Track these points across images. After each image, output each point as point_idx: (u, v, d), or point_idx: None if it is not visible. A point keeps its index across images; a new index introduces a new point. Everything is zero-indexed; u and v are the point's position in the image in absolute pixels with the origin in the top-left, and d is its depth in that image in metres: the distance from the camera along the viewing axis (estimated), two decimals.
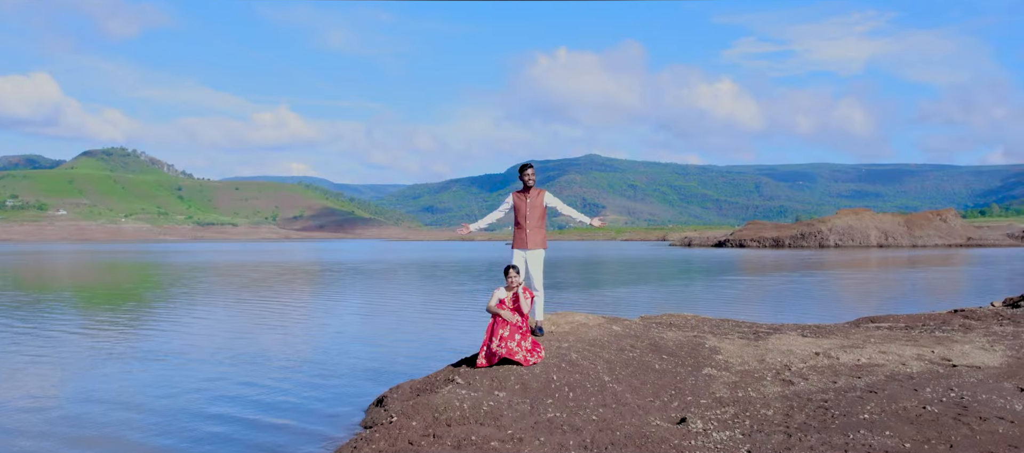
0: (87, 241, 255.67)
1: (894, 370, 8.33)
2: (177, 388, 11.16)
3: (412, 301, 24.99)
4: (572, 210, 9.57)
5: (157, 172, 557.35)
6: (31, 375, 12.23)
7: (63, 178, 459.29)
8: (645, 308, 21.54)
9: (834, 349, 9.36)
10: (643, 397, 7.35)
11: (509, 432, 6.33)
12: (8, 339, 16.08)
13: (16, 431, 8.79)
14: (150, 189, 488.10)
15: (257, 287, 31.90)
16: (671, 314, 12.37)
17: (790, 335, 10.43)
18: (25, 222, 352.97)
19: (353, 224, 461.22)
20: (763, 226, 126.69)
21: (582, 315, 10.64)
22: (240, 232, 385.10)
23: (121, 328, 17.93)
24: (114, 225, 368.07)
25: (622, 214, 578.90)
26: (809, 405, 7.07)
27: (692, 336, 10.00)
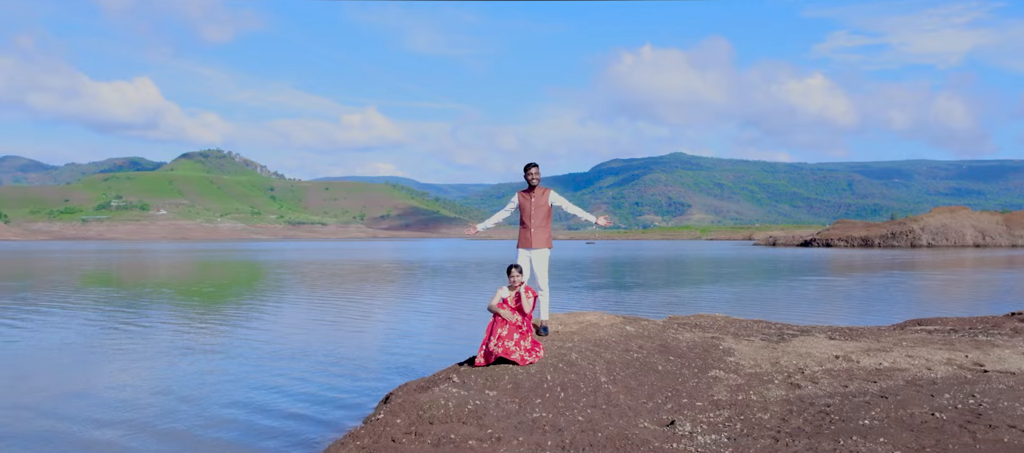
0: (185, 240, 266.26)
1: (916, 375, 7.97)
2: (211, 379, 11.56)
3: (475, 299, 25.16)
4: (578, 209, 9.55)
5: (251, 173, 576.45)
6: (95, 364, 12.84)
7: (164, 179, 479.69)
8: (695, 308, 21.19)
9: (858, 352, 9.00)
10: (637, 398, 7.22)
11: (489, 431, 6.32)
12: (97, 331, 16.89)
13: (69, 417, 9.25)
14: (244, 189, 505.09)
15: (333, 285, 32.74)
16: (700, 315, 12.11)
17: (817, 337, 10.08)
18: (129, 222, 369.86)
19: (438, 223, 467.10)
20: (852, 225, 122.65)
21: (596, 314, 10.52)
22: (329, 231, 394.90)
23: (193, 322, 18.68)
24: (210, 224, 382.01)
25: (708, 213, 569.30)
26: (810, 409, 6.83)
27: (709, 337, 9.75)
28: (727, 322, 11.41)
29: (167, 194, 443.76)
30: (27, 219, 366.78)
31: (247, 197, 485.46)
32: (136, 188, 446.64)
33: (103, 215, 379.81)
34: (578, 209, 9.59)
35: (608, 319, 10.27)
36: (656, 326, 10.33)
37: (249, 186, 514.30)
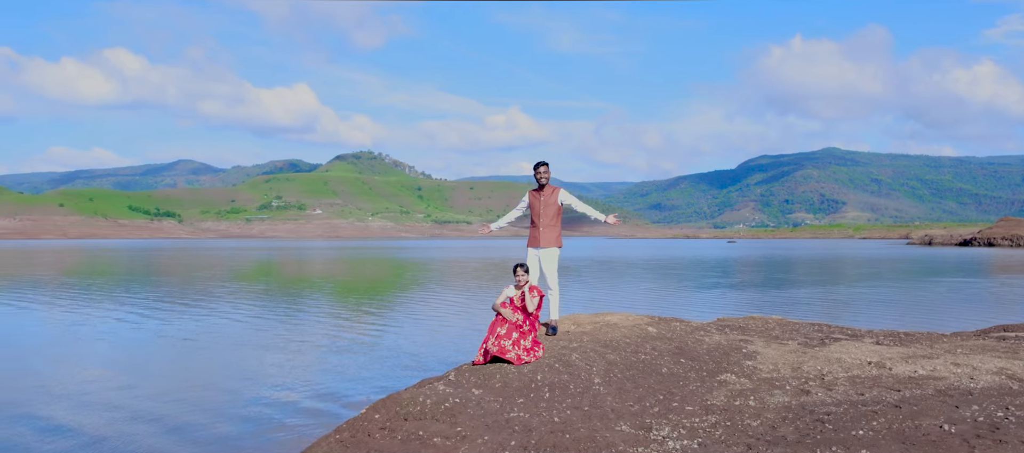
0: (338, 238, 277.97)
1: (952, 384, 7.38)
2: (279, 370, 12.17)
3: (587, 295, 24.85)
4: (587, 207, 9.51)
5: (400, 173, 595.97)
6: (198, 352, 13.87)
7: (319, 180, 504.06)
8: (781, 308, 20.33)
9: (897, 359, 8.40)
10: (625, 401, 7.05)
11: (458, 429, 6.36)
12: (249, 327, 18.04)
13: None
14: (393, 189, 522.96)
15: (451, 281, 33.36)
16: (752, 317, 11.57)
17: (862, 342, 9.47)
18: (288, 221, 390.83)
19: (580, 222, 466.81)
20: (1018, 223, 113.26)
21: (620, 315, 10.32)
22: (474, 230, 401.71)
23: (296, 314, 19.44)
24: (362, 223, 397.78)
25: (864, 210, 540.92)
26: (806, 417, 6.46)
27: (738, 340, 9.35)
28: (777, 324, 10.86)
29: (322, 194, 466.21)
30: (197, 218, 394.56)
31: (396, 197, 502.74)
32: (294, 189, 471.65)
33: (265, 214, 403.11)
34: (588, 208, 9.56)
35: (632, 319, 10.06)
36: (685, 328, 10.02)
37: (398, 186, 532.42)
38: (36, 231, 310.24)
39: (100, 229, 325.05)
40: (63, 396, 10.63)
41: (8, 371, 12.61)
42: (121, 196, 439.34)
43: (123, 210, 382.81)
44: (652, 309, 20.82)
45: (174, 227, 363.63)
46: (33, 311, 21.19)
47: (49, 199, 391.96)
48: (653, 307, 21.92)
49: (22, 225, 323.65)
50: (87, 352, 14.63)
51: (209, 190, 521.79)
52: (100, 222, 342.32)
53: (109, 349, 15.06)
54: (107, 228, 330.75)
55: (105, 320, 19.39)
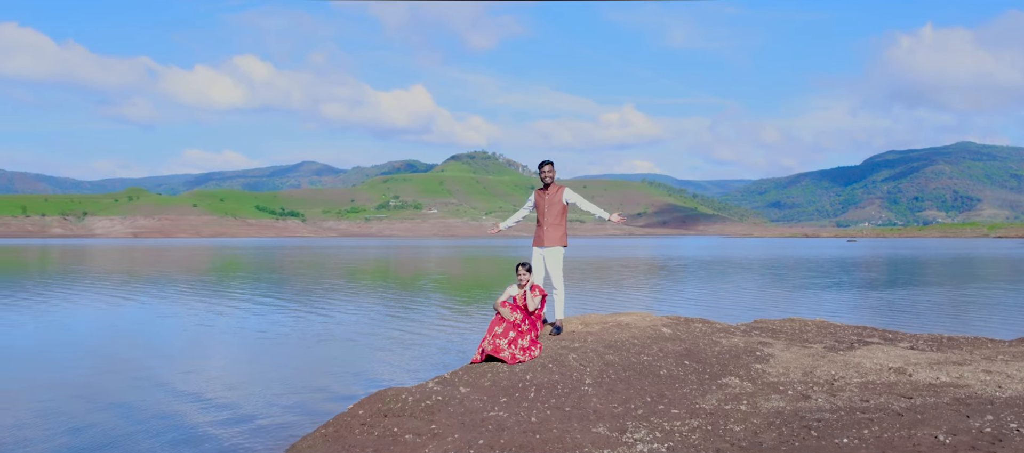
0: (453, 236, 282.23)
1: (974, 393, 6.82)
2: (335, 361, 12.28)
3: (691, 295, 24.14)
4: (592, 206, 9.40)
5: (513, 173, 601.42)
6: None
7: (435, 180, 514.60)
8: (841, 311, 19.20)
9: (923, 365, 7.85)
10: (610, 403, 6.85)
11: (432, 427, 6.40)
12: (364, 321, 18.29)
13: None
14: (507, 189, 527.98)
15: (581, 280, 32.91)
16: (793, 318, 11.06)
17: (893, 346, 8.88)
18: (405, 220, 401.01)
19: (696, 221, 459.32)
20: None
21: (637, 315, 10.12)
22: (587, 229, 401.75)
23: (381, 310, 19.50)
24: (476, 222, 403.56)
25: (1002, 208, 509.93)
26: (793, 424, 6.11)
27: (756, 342, 8.95)
28: (815, 327, 10.38)
29: (438, 194, 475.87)
30: (319, 218, 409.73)
31: (509, 196, 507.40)
32: (411, 189, 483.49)
33: (382, 214, 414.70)
34: (592, 206, 9.45)
35: (649, 320, 9.86)
36: (706, 329, 9.73)
37: (511, 185, 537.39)
38: (173, 230, 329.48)
39: (230, 228, 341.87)
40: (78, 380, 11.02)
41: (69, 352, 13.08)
42: (249, 196, 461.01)
43: (251, 210, 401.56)
44: (718, 309, 20.41)
45: (298, 226, 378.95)
46: (132, 304, 22.03)
47: (184, 200, 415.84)
48: (718, 307, 21.34)
49: (160, 224, 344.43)
50: (152, 341, 15.14)
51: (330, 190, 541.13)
52: (230, 221, 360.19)
53: (178, 339, 15.57)
54: (236, 227, 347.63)
55: (197, 313, 20.21)
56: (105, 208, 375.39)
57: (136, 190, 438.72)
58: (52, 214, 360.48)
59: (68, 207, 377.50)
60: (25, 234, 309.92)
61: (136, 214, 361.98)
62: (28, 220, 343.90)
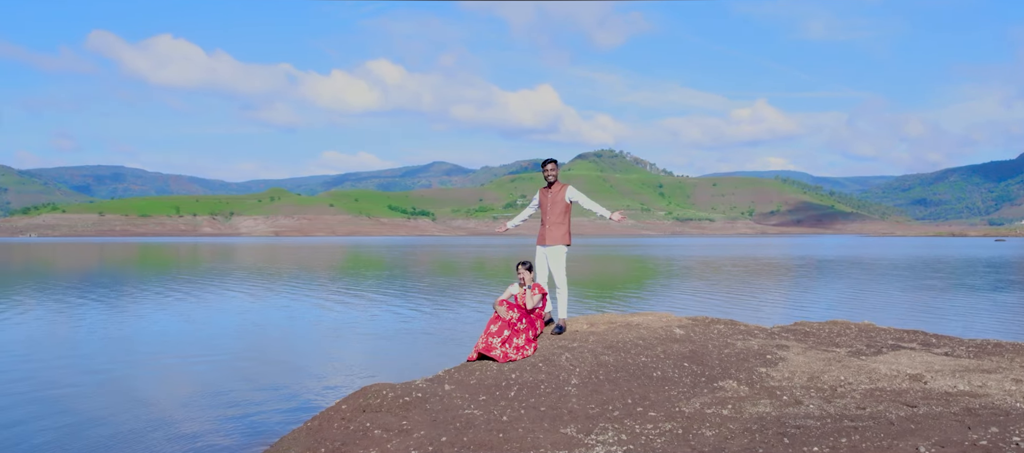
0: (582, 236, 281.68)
1: (991, 404, 6.25)
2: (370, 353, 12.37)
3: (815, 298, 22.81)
4: (594, 204, 9.33)
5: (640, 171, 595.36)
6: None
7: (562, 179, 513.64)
8: (922, 313, 17.96)
9: (946, 372, 7.26)
10: (588, 404, 6.67)
11: (404, 423, 6.45)
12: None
13: None
14: (634, 187, 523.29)
15: (670, 278, 31.46)
16: (836, 321, 10.30)
17: (927, 352, 8.25)
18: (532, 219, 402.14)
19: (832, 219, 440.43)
20: None
21: (653, 315, 9.90)
22: (716, 227, 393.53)
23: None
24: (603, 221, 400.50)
25: None
26: (770, 430, 5.78)
27: (772, 345, 8.47)
28: (858, 330, 9.64)
29: None
30: (449, 217, 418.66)
31: (637, 194, 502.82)
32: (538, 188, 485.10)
33: (510, 212, 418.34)
34: (594, 204, 9.36)
35: (666, 320, 9.63)
36: (727, 330, 9.34)
37: (639, 184, 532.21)
38: (310, 229, 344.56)
39: (364, 227, 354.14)
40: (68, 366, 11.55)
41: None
42: (382, 196, 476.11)
43: (384, 209, 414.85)
44: (791, 310, 19.44)
45: (428, 225, 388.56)
46: (246, 299, 22.79)
47: (322, 200, 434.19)
48: (795, 307, 20.18)
49: (299, 223, 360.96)
50: (266, 333, 15.60)
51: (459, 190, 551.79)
52: (364, 221, 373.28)
53: (228, 328, 15.99)
54: (370, 226, 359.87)
55: (271, 306, 20.75)
56: (249, 208, 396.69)
57: (277, 191, 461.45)
58: (202, 214, 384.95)
59: (216, 207, 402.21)
60: (178, 232, 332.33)
61: (277, 214, 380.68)
62: (181, 219, 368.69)
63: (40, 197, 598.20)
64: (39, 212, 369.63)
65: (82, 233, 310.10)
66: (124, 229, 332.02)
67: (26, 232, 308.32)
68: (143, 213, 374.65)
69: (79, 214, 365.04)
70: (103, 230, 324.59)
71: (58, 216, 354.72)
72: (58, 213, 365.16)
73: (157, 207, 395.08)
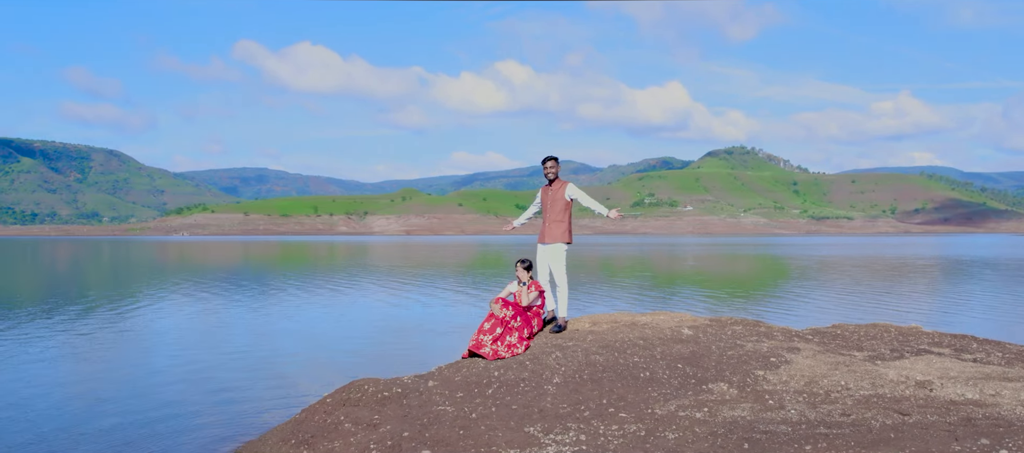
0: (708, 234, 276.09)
1: (996, 414, 5.84)
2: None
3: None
4: (593, 201, 9.24)
5: (773, 168, 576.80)
6: None
7: (690, 177, 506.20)
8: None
9: (960, 380, 6.79)
10: (562, 403, 6.59)
11: (375, 418, 6.56)
12: None
13: None
14: (767, 185, 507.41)
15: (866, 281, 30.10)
16: (876, 324, 9.63)
17: (952, 360, 7.69)
18: (659, 218, 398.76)
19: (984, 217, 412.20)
20: None
21: (665, 315, 9.68)
22: (855, 226, 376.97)
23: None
24: (734, 220, 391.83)
25: None
26: (735, 436, 5.57)
27: (782, 347, 8.09)
28: (897, 333, 9.00)
29: (693, 191, 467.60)
30: (576, 216, 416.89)
31: (770, 192, 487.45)
32: (666, 186, 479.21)
33: (637, 212, 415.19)
34: (593, 202, 9.29)
35: (677, 321, 9.38)
36: (741, 330, 8.95)
37: (772, 181, 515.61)
38: (440, 228, 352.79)
39: (492, 226, 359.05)
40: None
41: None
42: (509, 196, 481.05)
43: (511, 208, 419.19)
44: (877, 310, 17.27)
45: None
46: (353, 295, 22.95)
47: (451, 200, 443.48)
48: (873, 308, 18.55)
49: (429, 223, 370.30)
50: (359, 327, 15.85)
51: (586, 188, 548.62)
52: (491, 219, 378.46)
53: (363, 322, 16.21)
54: (497, 225, 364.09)
55: (406, 301, 20.72)
56: (382, 208, 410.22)
57: (409, 191, 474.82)
58: (338, 213, 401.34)
59: (351, 207, 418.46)
60: (316, 231, 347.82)
61: (408, 213, 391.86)
62: (318, 219, 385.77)
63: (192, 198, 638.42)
64: (191, 212, 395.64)
65: (228, 232, 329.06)
66: (266, 228, 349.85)
67: (179, 231, 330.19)
68: (284, 213, 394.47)
69: (226, 214, 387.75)
70: (247, 229, 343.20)
71: (208, 216, 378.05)
72: (208, 213, 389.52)
73: (297, 207, 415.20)
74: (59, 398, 9.93)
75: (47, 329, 16.30)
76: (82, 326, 16.92)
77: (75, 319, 18.06)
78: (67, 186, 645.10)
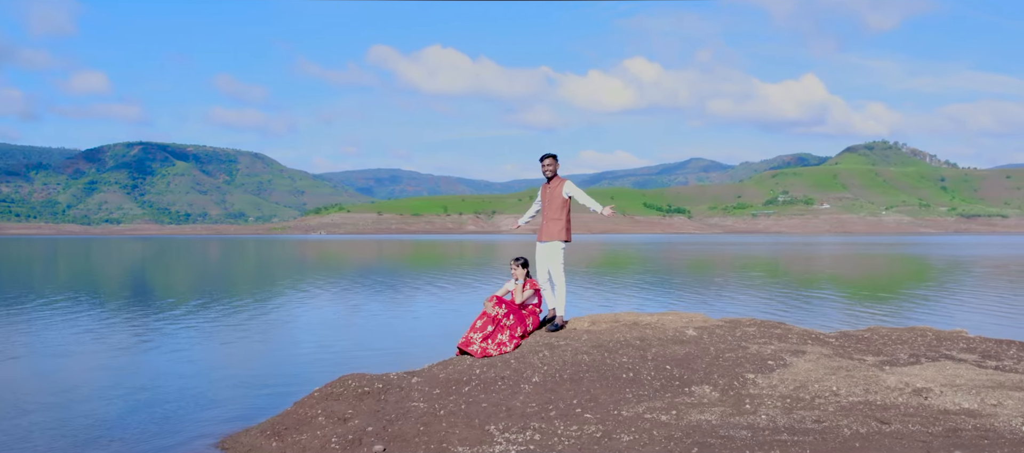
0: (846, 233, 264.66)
1: (987, 426, 5.45)
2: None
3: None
4: (588, 199, 9.11)
5: (918, 163, 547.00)
6: None
7: (827, 174, 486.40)
8: None
9: (963, 389, 6.31)
10: (532, 403, 6.50)
11: (348, 412, 6.66)
12: None
13: None
14: (911, 181, 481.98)
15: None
16: (913, 328, 9.13)
17: (969, 367, 7.18)
18: (793, 216, 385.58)
19: None
20: None
21: (674, 315, 9.48)
22: (1009, 224, 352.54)
23: None
24: (874, 218, 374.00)
25: None
26: (689, 440, 5.41)
27: (783, 350, 7.73)
28: (934, 338, 8.48)
29: (831, 188, 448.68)
30: (705, 214, 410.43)
31: (914, 189, 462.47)
32: (801, 183, 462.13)
33: (770, 210, 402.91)
34: (589, 199, 9.15)
35: (684, 320, 9.15)
36: (749, 332, 8.58)
37: (916, 177, 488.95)
38: None
39: (618, 225, 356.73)
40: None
41: None
42: (637, 194, 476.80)
43: (639, 207, 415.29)
44: (955, 315, 15.58)
45: (683, 222, 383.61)
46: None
47: None
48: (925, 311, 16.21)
49: None
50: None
51: (717, 186, 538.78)
52: (618, 218, 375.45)
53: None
54: (624, 224, 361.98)
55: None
56: (509, 207, 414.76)
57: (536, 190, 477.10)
58: (467, 213, 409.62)
59: (479, 207, 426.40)
60: (446, 230, 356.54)
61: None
62: (448, 218, 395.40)
63: (330, 198, 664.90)
64: (329, 212, 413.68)
65: (363, 231, 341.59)
66: (399, 227, 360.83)
67: (316, 230, 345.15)
68: (415, 212, 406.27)
69: (361, 213, 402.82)
70: (381, 228, 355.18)
71: (344, 215, 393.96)
72: (344, 213, 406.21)
73: (427, 206, 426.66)
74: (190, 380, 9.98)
75: (208, 320, 17.03)
76: (234, 317, 17.53)
77: (224, 312, 18.70)
78: (216, 188, 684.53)
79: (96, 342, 13.45)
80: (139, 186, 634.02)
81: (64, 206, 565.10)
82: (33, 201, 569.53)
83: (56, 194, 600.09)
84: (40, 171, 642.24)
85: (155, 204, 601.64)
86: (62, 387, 9.55)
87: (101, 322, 16.24)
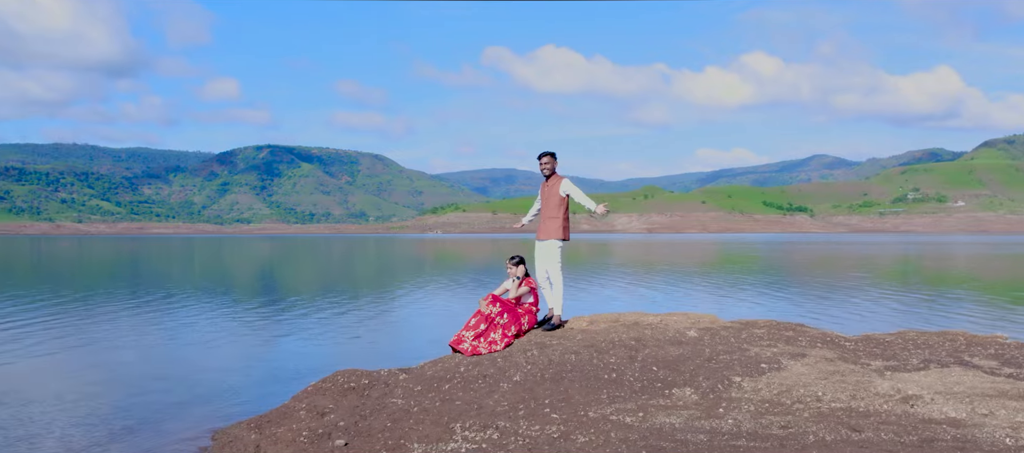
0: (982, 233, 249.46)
1: (968, 436, 5.14)
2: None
3: None
4: (584, 198, 9.02)
5: None
6: None
7: (962, 170, 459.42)
8: None
9: (958, 398, 5.93)
10: (504, 402, 6.47)
11: (329, 407, 6.78)
12: None
13: None
14: None
15: None
16: (946, 331, 8.64)
17: (980, 373, 6.75)
18: (925, 214, 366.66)
19: None
20: None
21: (680, 315, 9.29)
22: None
23: None
24: (1015, 216, 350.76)
25: None
26: (643, 443, 5.28)
27: (781, 352, 7.44)
28: (965, 341, 7.98)
29: (966, 185, 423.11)
30: (828, 213, 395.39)
31: None
32: (933, 180, 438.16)
33: (899, 208, 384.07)
34: (585, 198, 9.04)
35: (689, 321, 8.94)
36: (756, 334, 8.28)
37: None
38: (682, 226, 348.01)
39: (736, 224, 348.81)
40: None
41: None
42: (756, 192, 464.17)
43: (758, 206, 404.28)
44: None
45: (805, 221, 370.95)
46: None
47: (693, 197, 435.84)
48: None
49: (672, 220, 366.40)
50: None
51: (841, 184, 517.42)
52: (736, 217, 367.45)
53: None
54: (742, 223, 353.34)
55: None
56: (624, 206, 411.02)
57: (651, 188, 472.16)
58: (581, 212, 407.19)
59: None
60: None
61: (650, 211, 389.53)
62: None
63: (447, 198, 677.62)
64: (445, 211, 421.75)
65: (478, 230, 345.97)
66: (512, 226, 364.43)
67: (433, 229, 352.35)
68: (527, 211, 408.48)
69: (476, 213, 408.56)
70: (495, 227, 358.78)
71: (459, 214, 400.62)
72: (459, 212, 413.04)
73: None
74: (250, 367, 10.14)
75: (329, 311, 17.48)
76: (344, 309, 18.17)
77: (316, 307, 18.91)
78: (339, 188, 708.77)
79: (189, 331, 14.17)
80: (267, 187, 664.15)
81: (199, 207, 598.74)
82: (172, 202, 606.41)
83: (192, 195, 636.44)
84: (178, 174, 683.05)
85: (282, 204, 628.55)
86: (161, 373, 9.89)
87: (228, 314, 16.69)
